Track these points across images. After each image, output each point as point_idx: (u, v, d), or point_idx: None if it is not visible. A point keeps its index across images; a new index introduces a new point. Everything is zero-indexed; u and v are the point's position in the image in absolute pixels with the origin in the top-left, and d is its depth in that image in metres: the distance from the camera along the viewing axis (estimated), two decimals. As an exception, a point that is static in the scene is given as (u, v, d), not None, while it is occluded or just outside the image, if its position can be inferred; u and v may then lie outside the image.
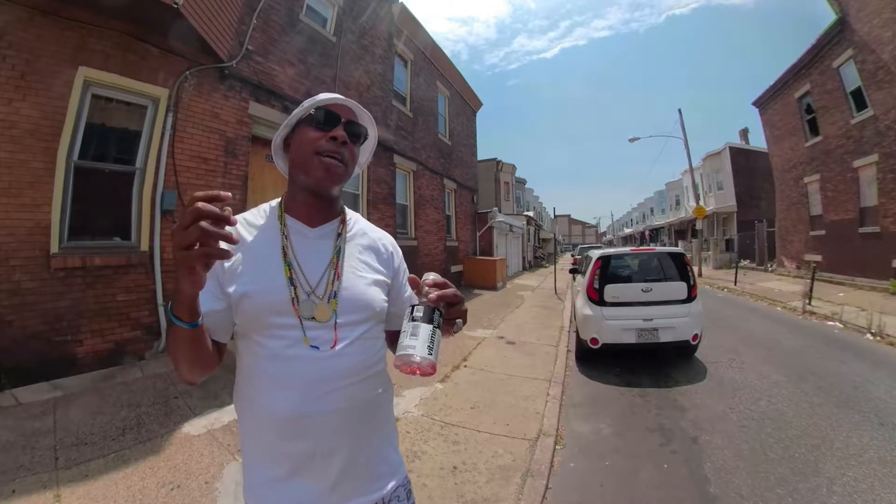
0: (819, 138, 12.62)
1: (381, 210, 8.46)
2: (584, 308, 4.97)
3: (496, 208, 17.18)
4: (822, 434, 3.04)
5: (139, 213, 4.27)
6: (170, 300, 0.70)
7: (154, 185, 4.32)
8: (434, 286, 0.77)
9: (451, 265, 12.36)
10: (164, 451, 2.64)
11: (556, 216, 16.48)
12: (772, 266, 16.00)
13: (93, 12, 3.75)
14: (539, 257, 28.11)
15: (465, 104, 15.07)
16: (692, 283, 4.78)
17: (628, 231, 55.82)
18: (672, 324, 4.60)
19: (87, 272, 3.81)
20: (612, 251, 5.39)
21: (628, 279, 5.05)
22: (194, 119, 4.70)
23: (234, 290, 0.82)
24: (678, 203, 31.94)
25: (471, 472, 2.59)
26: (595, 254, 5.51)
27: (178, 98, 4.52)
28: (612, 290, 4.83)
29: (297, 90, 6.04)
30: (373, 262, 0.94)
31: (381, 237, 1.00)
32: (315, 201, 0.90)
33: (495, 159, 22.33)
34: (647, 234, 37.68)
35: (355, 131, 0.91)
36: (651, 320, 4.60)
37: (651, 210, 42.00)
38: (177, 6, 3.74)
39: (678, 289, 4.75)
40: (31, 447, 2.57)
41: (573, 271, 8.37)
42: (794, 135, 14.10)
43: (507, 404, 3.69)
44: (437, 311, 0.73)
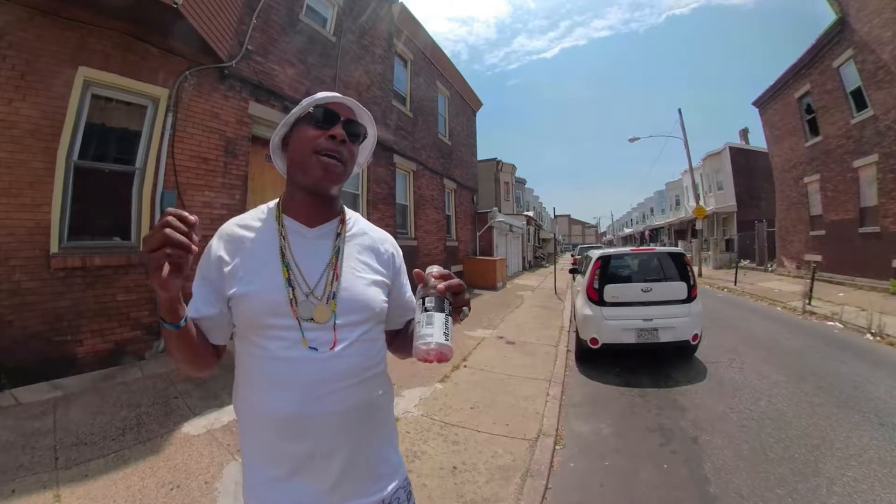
0: (819, 138, 12.62)
1: (381, 210, 8.45)
2: (584, 308, 4.97)
3: (496, 208, 17.18)
4: (822, 434, 3.03)
5: (139, 213, 4.27)
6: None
7: (154, 185, 4.32)
8: (440, 278, 0.79)
9: (451, 265, 12.35)
10: (164, 451, 2.64)
11: (556, 216, 16.49)
12: (772, 266, 16.00)
13: (93, 12, 3.75)
14: (539, 257, 28.10)
15: (465, 104, 15.07)
16: (692, 283, 4.78)
17: (628, 231, 55.81)
18: (672, 324, 4.59)
19: (87, 272, 3.81)
20: (611, 251, 5.39)
21: (628, 279, 5.05)
22: (194, 119, 4.70)
23: (233, 291, 0.82)
24: (678, 203, 31.94)
25: (470, 473, 2.59)
26: (595, 254, 5.51)
27: (178, 98, 4.52)
28: (611, 290, 4.83)
29: (296, 90, 6.04)
30: (372, 263, 0.93)
31: (381, 237, 1.00)
32: (313, 201, 0.89)
33: (495, 159, 22.32)
34: (647, 234, 37.67)
35: (354, 130, 0.90)
36: (651, 320, 4.60)
37: (651, 210, 42.00)
38: (176, 6, 3.74)
39: (678, 289, 4.75)
40: (30, 447, 2.57)
41: (573, 271, 8.37)
42: (794, 135, 14.10)
43: (507, 404, 3.69)
44: (447, 300, 0.77)
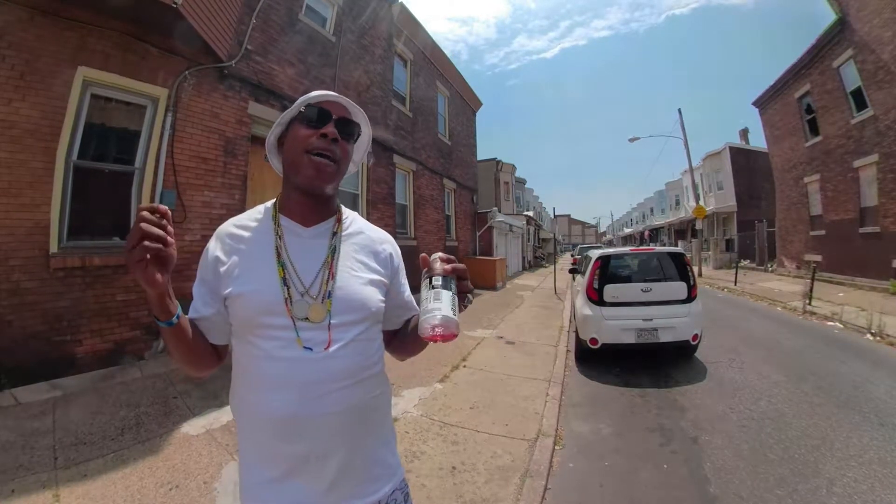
0: (819, 138, 12.61)
1: (381, 210, 8.45)
2: (584, 308, 4.96)
3: (496, 208, 17.18)
4: (822, 434, 3.03)
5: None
6: None
7: (153, 185, 4.32)
8: (445, 261, 0.80)
9: (450, 265, 12.34)
10: (163, 451, 2.63)
11: (555, 216, 16.49)
12: (772, 266, 15.99)
13: (92, 12, 3.75)
14: (539, 257, 28.10)
15: (465, 104, 15.07)
16: (692, 283, 4.78)
17: (628, 231, 55.80)
18: (672, 324, 4.59)
19: (87, 272, 3.81)
20: (611, 251, 5.38)
21: (628, 279, 5.05)
22: (194, 119, 4.70)
23: (229, 291, 0.82)
24: (678, 203, 31.93)
25: (470, 473, 2.59)
26: (595, 254, 5.50)
27: (178, 98, 4.52)
28: (611, 290, 4.82)
29: (296, 90, 6.03)
30: (370, 262, 0.92)
31: (379, 237, 0.99)
32: (308, 200, 0.89)
33: (495, 159, 22.31)
34: (646, 234, 37.66)
35: (347, 128, 0.89)
36: (651, 320, 4.59)
37: (651, 210, 42.00)
38: (176, 6, 3.74)
39: (678, 289, 4.75)
40: (30, 447, 2.57)
41: (573, 271, 8.36)
42: (794, 135, 14.10)
43: (507, 404, 3.69)
44: (453, 281, 0.78)
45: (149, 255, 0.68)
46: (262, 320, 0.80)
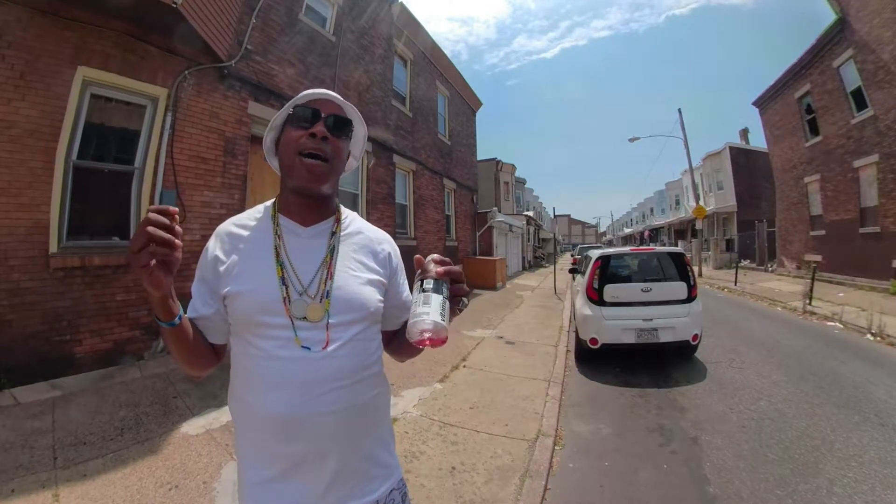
0: (819, 138, 12.61)
1: (381, 210, 8.45)
2: (584, 308, 4.96)
3: (496, 208, 17.17)
4: (823, 434, 3.03)
5: (138, 213, 4.26)
6: None
7: (153, 185, 4.32)
8: (440, 263, 0.79)
9: (450, 265, 12.34)
10: (163, 451, 2.63)
11: (555, 216, 16.51)
12: (772, 266, 15.99)
13: (92, 12, 3.75)
14: (539, 257, 28.09)
15: (465, 104, 15.07)
16: (692, 283, 4.77)
17: (628, 231, 55.80)
18: (672, 324, 4.59)
19: (86, 272, 3.81)
20: (611, 251, 5.38)
21: (628, 279, 5.05)
22: (193, 119, 4.70)
23: (227, 289, 0.82)
24: (678, 203, 31.93)
25: (469, 473, 2.59)
26: (594, 254, 5.50)
27: (178, 98, 4.52)
28: (611, 290, 4.82)
29: (296, 90, 6.03)
30: (368, 262, 0.92)
31: (378, 236, 0.99)
32: (306, 201, 0.89)
33: (495, 159, 22.31)
34: (647, 234, 37.64)
35: (337, 124, 0.88)
36: (651, 320, 4.59)
37: (651, 210, 42.00)
38: (176, 6, 3.74)
39: (678, 289, 4.75)
40: (29, 447, 2.57)
41: (573, 271, 8.36)
42: (795, 135, 14.09)
43: (507, 404, 3.69)
44: (445, 284, 0.76)
45: (154, 261, 0.66)
46: (260, 319, 0.80)
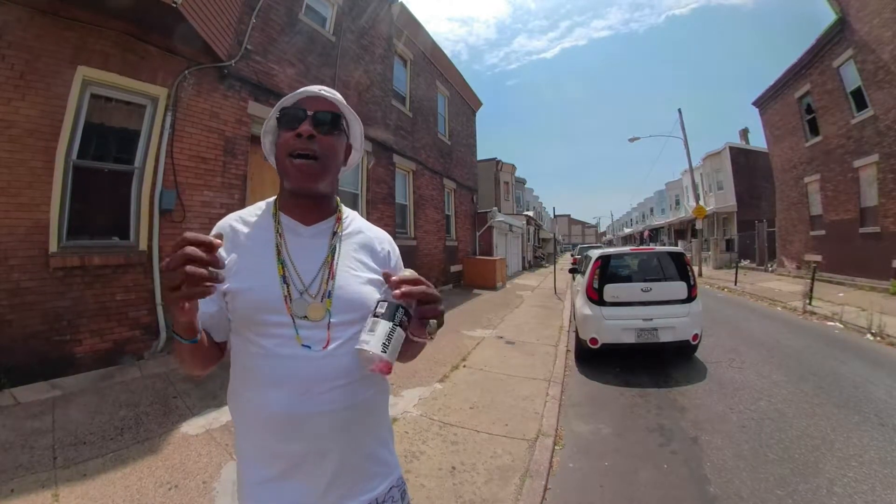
0: (819, 138, 12.61)
1: (381, 210, 8.45)
2: (584, 308, 4.96)
3: (496, 208, 17.17)
4: (823, 434, 3.03)
5: (138, 213, 4.27)
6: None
7: (153, 185, 4.32)
8: (403, 282, 0.74)
9: (450, 265, 12.35)
10: (163, 451, 2.63)
11: (555, 216, 16.51)
12: (772, 266, 15.98)
13: (92, 12, 3.75)
14: (539, 257, 28.10)
15: (465, 104, 15.07)
16: (692, 282, 4.77)
17: (628, 231, 55.80)
18: (672, 324, 4.59)
19: (86, 271, 3.81)
20: (611, 251, 5.38)
21: (628, 279, 5.04)
22: (193, 118, 4.70)
23: (228, 287, 0.82)
24: (678, 203, 31.93)
25: (469, 473, 2.59)
26: (594, 253, 5.50)
27: (178, 97, 4.52)
28: (611, 290, 4.82)
29: (296, 90, 6.02)
30: (368, 261, 0.92)
31: (377, 235, 0.99)
32: (305, 201, 0.89)
33: (495, 159, 22.32)
34: (646, 234, 37.63)
35: (324, 120, 0.86)
36: (651, 320, 4.59)
37: (651, 210, 42.00)
38: (176, 6, 3.73)
39: (678, 289, 4.74)
40: (29, 446, 2.57)
41: (573, 271, 8.36)
42: (795, 135, 14.09)
43: (507, 404, 3.69)
44: (402, 308, 0.71)
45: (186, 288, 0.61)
46: (261, 318, 0.80)
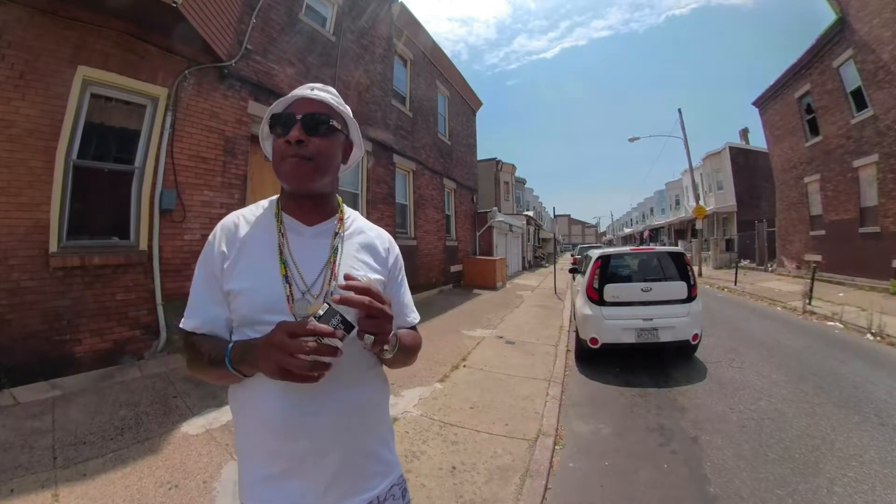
0: (819, 138, 12.61)
1: (381, 210, 8.45)
2: (584, 308, 4.96)
3: (496, 208, 17.16)
4: (823, 434, 3.03)
5: (138, 213, 4.26)
6: (233, 354, 0.77)
7: (153, 185, 4.31)
8: (348, 287, 0.70)
9: (450, 265, 12.35)
10: (163, 451, 2.63)
11: (555, 216, 16.50)
12: (772, 266, 15.99)
13: (92, 12, 3.74)
14: (539, 257, 28.10)
15: (465, 104, 15.06)
16: (692, 282, 4.77)
17: (628, 231, 55.80)
18: (672, 323, 4.59)
19: (86, 271, 3.81)
20: (611, 251, 5.38)
21: (628, 279, 5.04)
22: (193, 118, 4.70)
23: (230, 286, 0.82)
24: (678, 203, 31.93)
25: (469, 473, 2.59)
26: (595, 253, 5.50)
27: (178, 97, 4.51)
28: (611, 290, 4.82)
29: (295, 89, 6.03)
30: (370, 261, 0.93)
31: (378, 235, 1.00)
32: (305, 201, 0.90)
33: (495, 159, 22.31)
34: (646, 234, 37.63)
35: (312, 122, 0.85)
36: (651, 320, 4.59)
37: (651, 210, 42.00)
38: (176, 6, 3.73)
39: (678, 288, 4.74)
40: (29, 446, 2.57)
41: (573, 271, 8.36)
42: (794, 135, 14.09)
43: (507, 404, 3.69)
44: (340, 315, 0.67)
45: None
46: (263, 317, 0.80)
